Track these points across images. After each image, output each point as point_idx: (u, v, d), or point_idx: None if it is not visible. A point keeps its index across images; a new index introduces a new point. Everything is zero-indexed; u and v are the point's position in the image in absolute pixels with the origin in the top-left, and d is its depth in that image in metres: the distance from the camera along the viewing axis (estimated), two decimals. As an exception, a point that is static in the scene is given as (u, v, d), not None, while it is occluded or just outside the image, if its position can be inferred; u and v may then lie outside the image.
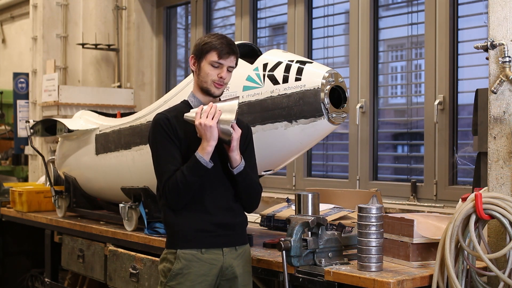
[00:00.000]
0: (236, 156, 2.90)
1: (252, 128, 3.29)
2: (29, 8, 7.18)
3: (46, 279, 5.23)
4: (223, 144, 2.90)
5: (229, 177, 2.97)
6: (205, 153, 2.84)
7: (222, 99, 3.03)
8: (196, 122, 2.84)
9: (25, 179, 7.41)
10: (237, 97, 2.94)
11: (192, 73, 3.07)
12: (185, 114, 2.92)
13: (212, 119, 2.82)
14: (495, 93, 2.85)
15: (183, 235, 2.91)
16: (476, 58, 3.93)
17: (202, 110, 2.86)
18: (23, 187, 5.64)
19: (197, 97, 3.03)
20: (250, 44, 3.75)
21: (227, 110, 2.87)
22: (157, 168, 2.94)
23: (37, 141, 6.55)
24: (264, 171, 3.66)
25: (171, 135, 2.91)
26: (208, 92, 2.99)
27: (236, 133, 2.88)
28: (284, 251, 2.90)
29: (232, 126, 2.86)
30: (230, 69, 2.99)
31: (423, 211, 3.95)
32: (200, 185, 2.89)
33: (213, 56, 2.94)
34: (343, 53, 4.92)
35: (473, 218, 2.68)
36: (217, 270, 2.93)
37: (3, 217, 5.80)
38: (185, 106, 3.03)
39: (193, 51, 3.02)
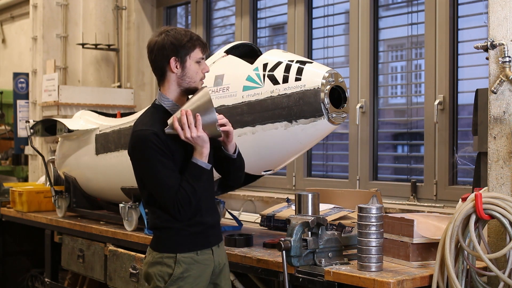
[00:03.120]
0: (234, 143, 2.94)
1: (252, 128, 3.29)
2: (29, 8, 7.17)
3: (46, 279, 5.23)
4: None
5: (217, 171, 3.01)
6: (203, 157, 2.81)
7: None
8: (183, 137, 2.76)
9: (25, 179, 7.41)
10: (204, 87, 2.80)
11: (163, 77, 2.88)
12: (165, 129, 2.79)
13: (196, 127, 2.75)
14: (495, 93, 2.85)
15: (182, 239, 2.87)
16: (476, 58, 3.92)
17: (178, 120, 2.75)
18: (23, 187, 5.64)
19: (171, 99, 2.89)
20: (250, 44, 3.75)
21: (203, 110, 2.77)
22: (157, 184, 2.81)
23: (37, 141, 6.54)
24: (264, 171, 3.66)
25: (165, 150, 2.79)
26: (195, 91, 2.89)
27: (230, 126, 2.87)
28: (284, 251, 2.90)
29: (221, 124, 2.82)
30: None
31: (423, 211, 3.95)
32: None
33: (198, 53, 2.86)
34: (343, 53, 4.91)
35: (473, 218, 2.68)
36: (211, 270, 2.93)
37: (3, 217, 5.80)
38: (163, 112, 2.89)
39: (171, 52, 2.81)
